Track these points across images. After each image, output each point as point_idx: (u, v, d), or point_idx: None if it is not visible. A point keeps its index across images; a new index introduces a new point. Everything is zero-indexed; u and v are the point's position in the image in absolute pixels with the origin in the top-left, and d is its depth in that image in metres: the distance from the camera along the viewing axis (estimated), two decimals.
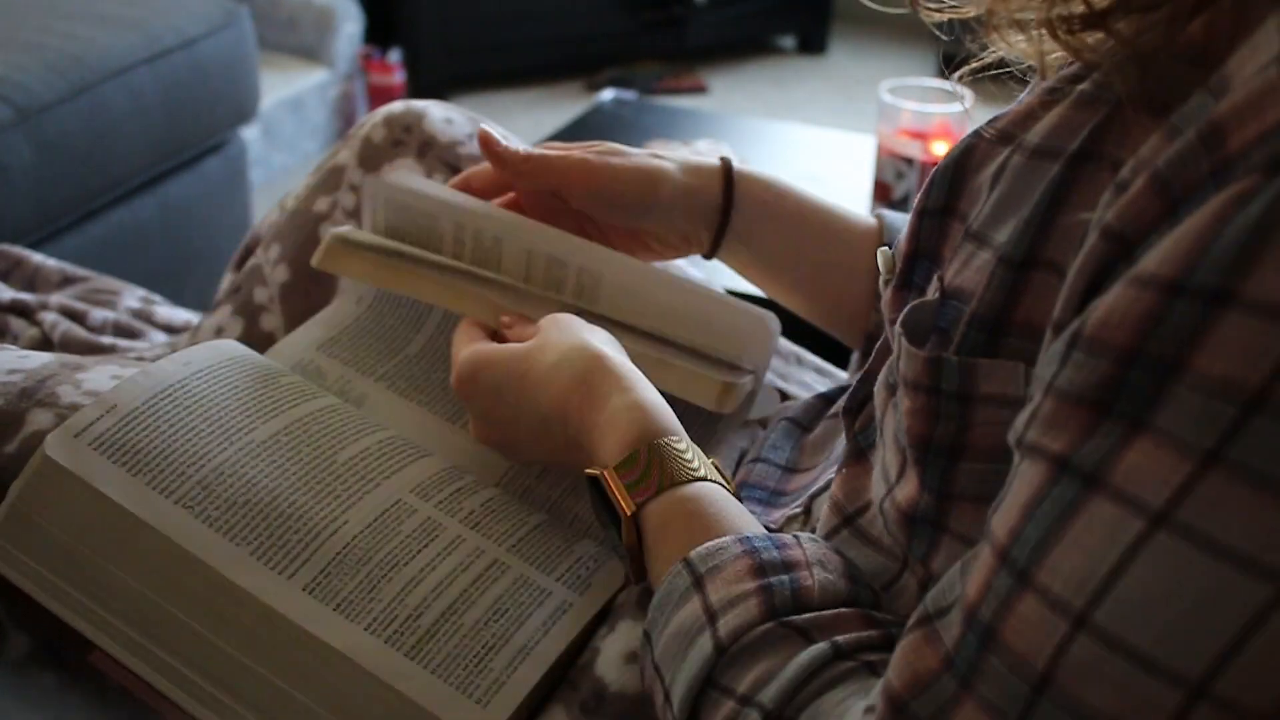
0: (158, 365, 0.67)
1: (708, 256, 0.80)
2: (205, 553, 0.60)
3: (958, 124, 1.40)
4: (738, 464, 0.72)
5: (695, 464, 0.58)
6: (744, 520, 0.56)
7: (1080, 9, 0.45)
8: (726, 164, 0.77)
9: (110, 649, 0.60)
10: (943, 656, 0.41)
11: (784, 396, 0.83)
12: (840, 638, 0.48)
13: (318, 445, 0.66)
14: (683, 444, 0.59)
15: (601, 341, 0.65)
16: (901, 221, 0.78)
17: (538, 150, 0.77)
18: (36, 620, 0.63)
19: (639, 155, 0.76)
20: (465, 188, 0.79)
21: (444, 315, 0.79)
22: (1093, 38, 0.45)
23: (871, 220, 0.79)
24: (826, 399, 0.73)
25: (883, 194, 1.44)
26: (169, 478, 0.62)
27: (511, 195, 0.80)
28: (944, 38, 0.56)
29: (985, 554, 0.41)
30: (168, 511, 0.61)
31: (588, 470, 0.60)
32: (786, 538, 0.54)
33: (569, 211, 0.77)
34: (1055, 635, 0.37)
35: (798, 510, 0.64)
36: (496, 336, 0.72)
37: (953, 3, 0.53)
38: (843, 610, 0.50)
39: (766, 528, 0.63)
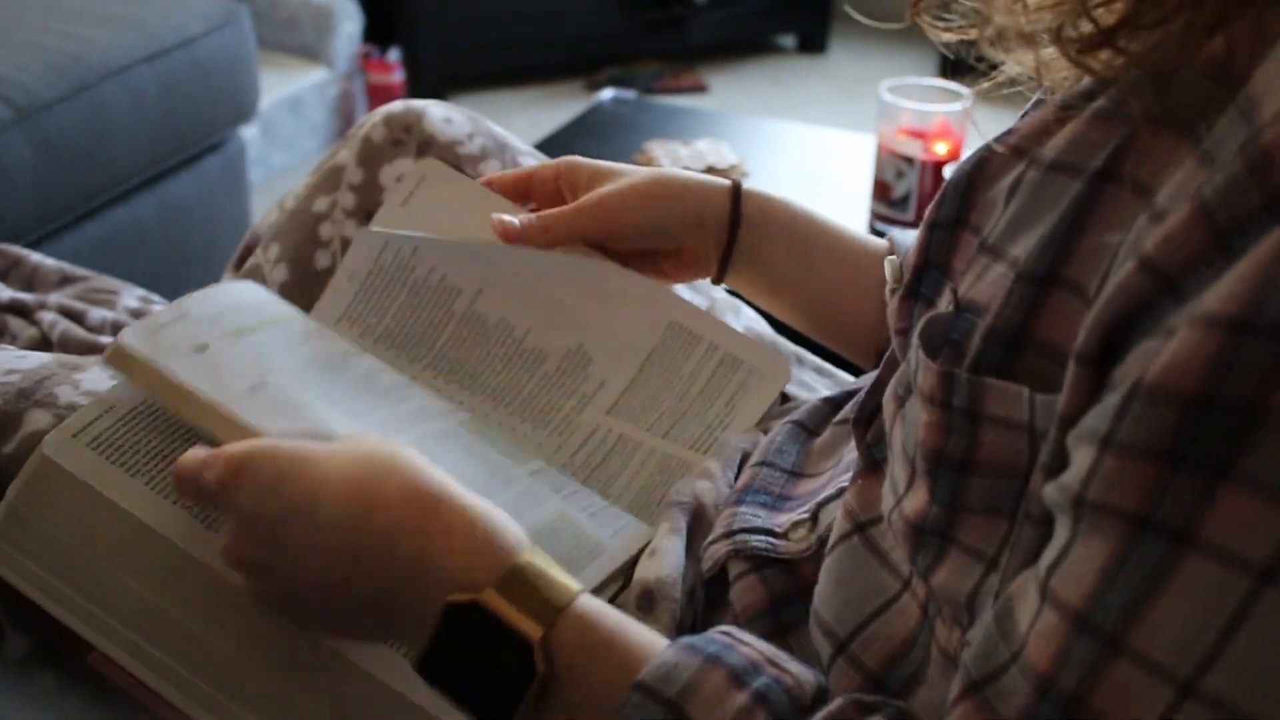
0: (226, 285, 0.69)
1: (716, 281, 0.79)
2: (206, 555, 0.60)
3: (958, 123, 1.40)
4: (739, 466, 0.72)
5: (567, 578, 0.51)
6: (644, 628, 0.51)
7: (1088, 28, 0.44)
8: (735, 183, 0.77)
9: (109, 650, 0.60)
10: None
11: (784, 398, 0.82)
12: None
13: None
14: (544, 558, 0.52)
15: (404, 448, 0.55)
16: (911, 241, 0.77)
17: (548, 213, 0.76)
18: (35, 621, 0.63)
19: (637, 170, 0.77)
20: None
21: (470, 302, 0.78)
22: (1104, 55, 0.44)
23: (881, 241, 0.78)
24: (833, 403, 0.72)
25: (883, 193, 1.44)
26: (168, 478, 0.61)
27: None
28: (949, 55, 0.55)
29: (1052, 620, 0.39)
30: (167, 512, 0.61)
31: (453, 597, 0.49)
32: (719, 637, 0.50)
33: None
34: (1159, 704, 0.36)
35: (804, 516, 0.63)
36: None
37: (956, 21, 0.52)
38: (839, 702, 0.48)
39: (773, 531, 0.63)
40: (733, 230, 0.76)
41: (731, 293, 0.86)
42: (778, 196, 0.78)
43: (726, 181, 0.77)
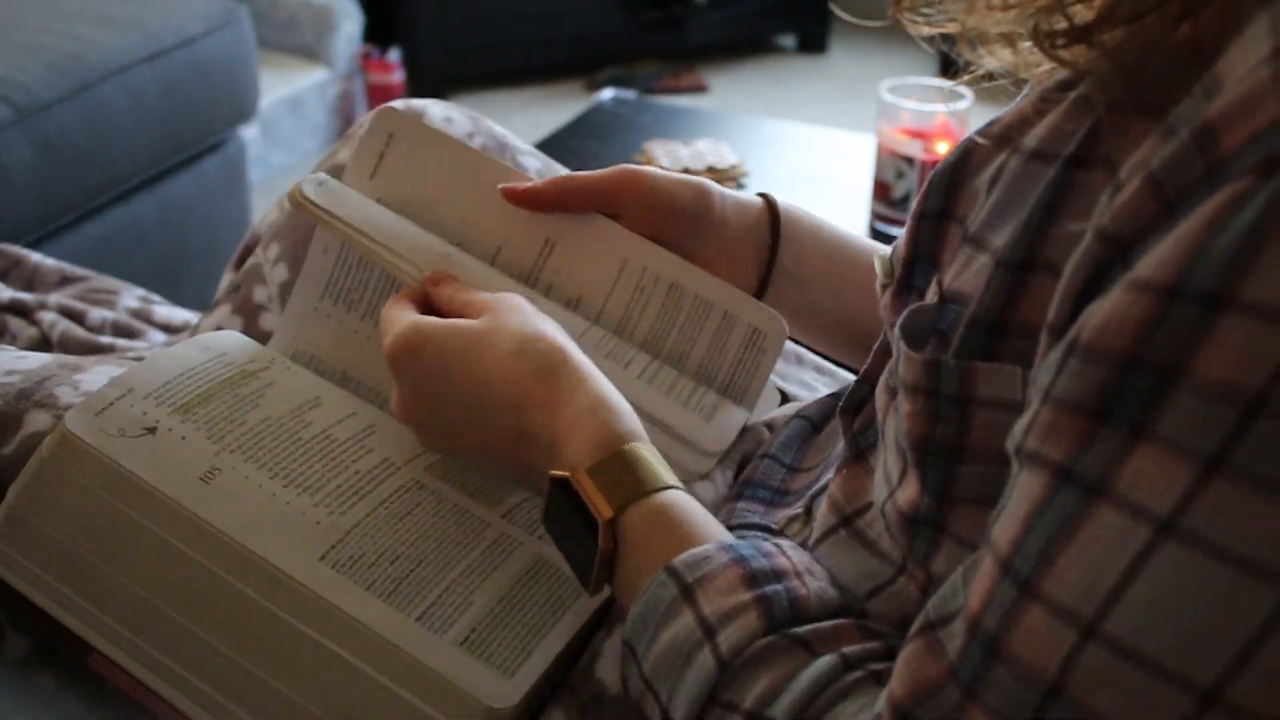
0: (173, 349, 0.68)
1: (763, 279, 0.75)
2: (222, 521, 0.60)
3: (958, 123, 1.40)
4: (739, 465, 0.72)
5: (661, 471, 0.57)
6: (717, 529, 0.56)
7: (1063, 24, 0.45)
8: (767, 197, 0.75)
9: (109, 651, 0.60)
10: (946, 666, 0.41)
11: (784, 397, 0.82)
12: (846, 649, 0.48)
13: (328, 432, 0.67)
14: (649, 450, 0.57)
15: (558, 333, 0.62)
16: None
17: (569, 175, 0.73)
18: (35, 622, 0.63)
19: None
20: None
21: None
22: (1078, 49, 0.45)
23: (885, 246, 0.77)
24: (838, 399, 0.72)
25: (883, 193, 1.44)
26: (188, 450, 0.62)
27: None
28: (929, 50, 0.56)
29: (987, 563, 0.41)
30: (185, 482, 0.61)
31: (554, 472, 0.57)
32: (768, 545, 0.54)
33: None
34: (1064, 644, 0.37)
35: (799, 511, 0.63)
36: (429, 307, 0.67)
37: (938, 17, 0.53)
38: (841, 621, 0.50)
39: (768, 528, 0.63)
40: (773, 248, 0.74)
41: None
42: (797, 207, 0.75)
43: (757, 200, 0.74)
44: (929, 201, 0.54)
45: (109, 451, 0.61)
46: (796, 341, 0.87)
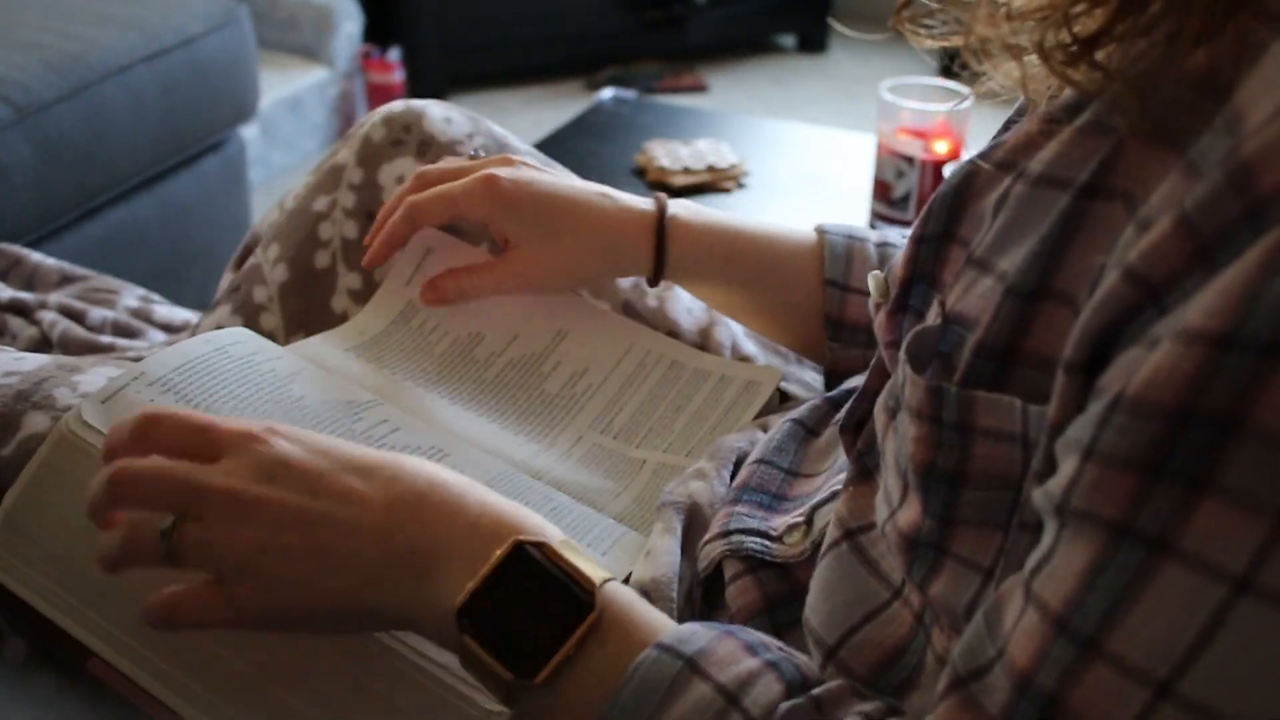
0: (181, 344, 0.69)
1: (651, 284, 0.80)
2: None
3: (958, 123, 1.40)
4: (736, 465, 0.72)
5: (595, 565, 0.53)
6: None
7: (1067, 38, 0.44)
8: (660, 208, 0.78)
9: (108, 656, 0.60)
10: None
11: (784, 396, 0.82)
12: (861, 708, 0.48)
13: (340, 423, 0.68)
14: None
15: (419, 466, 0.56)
16: (841, 229, 0.80)
17: (466, 271, 0.80)
18: (33, 627, 0.63)
19: (558, 214, 0.78)
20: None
21: (454, 339, 0.81)
22: (1086, 69, 0.44)
23: (805, 231, 0.80)
24: (833, 403, 0.72)
25: (883, 193, 1.44)
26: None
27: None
28: (931, 64, 0.55)
29: (1033, 621, 0.40)
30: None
31: (522, 537, 0.51)
32: (730, 626, 0.52)
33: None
34: (1134, 704, 0.37)
35: (799, 520, 0.63)
36: None
37: (940, 29, 0.52)
38: (839, 683, 0.49)
39: (768, 534, 0.63)
40: (659, 260, 0.78)
41: None
42: (699, 217, 0.79)
43: (649, 208, 0.78)
44: (929, 224, 0.53)
45: None
46: None
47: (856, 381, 0.73)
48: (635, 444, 0.76)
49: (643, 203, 0.78)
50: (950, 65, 0.56)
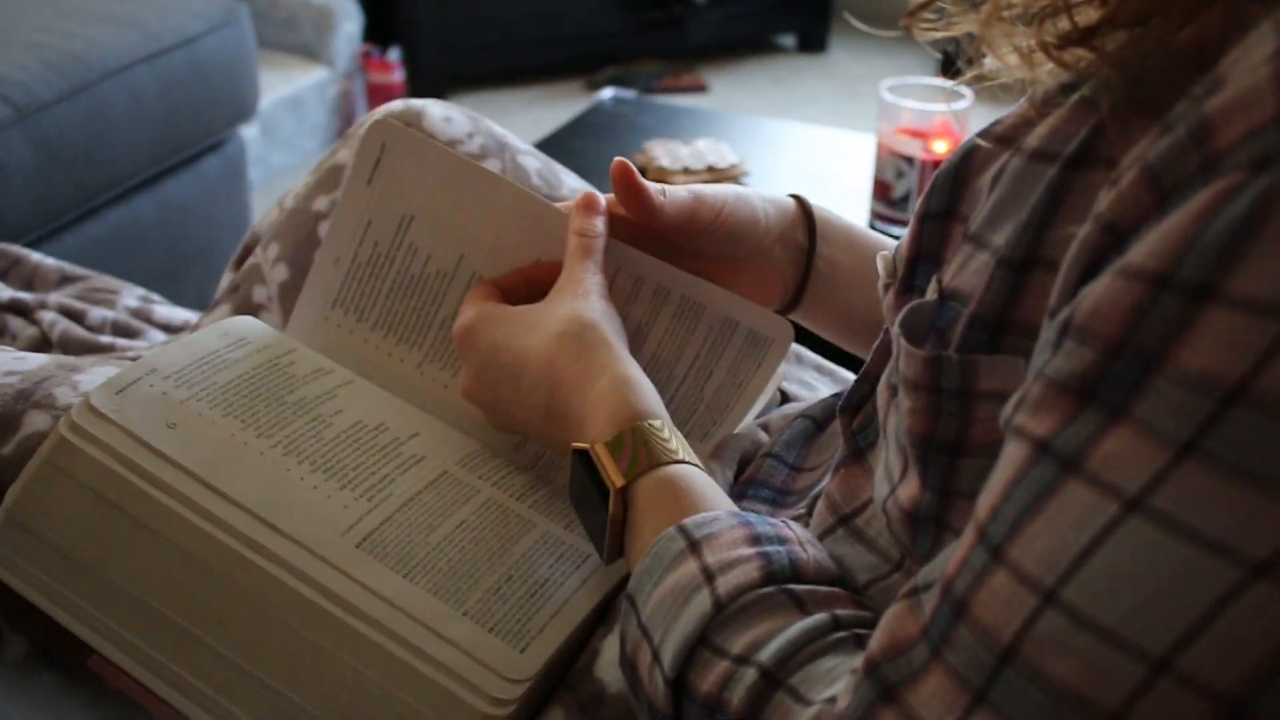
0: (193, 336, 0.69)
1: (786, 310, 0.76)
2: (244, 495, 0.61)
3: (958, 123, 1.40)
4: (739, 465, 0.72)
5: (675, 447, 0.59)
6: (725, 501, 0.58)
7: (1067, 26, 0.45)
8: (799, 199, 0.75)
9: (109, 653, 0.60)
10: (920, 625, 0.42)
11: (784, 396, 0.82)
12: (839, 611, 0.49)
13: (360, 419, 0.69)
14: (664, 427, 0.60)
15: (604, 317, 0.65)
16: None
17: (676, 190, 0.72)
18: (34, 624, 0.63)
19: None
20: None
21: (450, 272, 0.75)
22: (1081, 52, 0.46)
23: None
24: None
25: (883, 193, 1.44)
26: (211, 429, 0.63)
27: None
28: (936, 55, 0.56)
29: (968, 529, 0.42)
30: (205, 459, 0.62)
31: (575, 444, 0.61)
32: (775, 519, 0.55)
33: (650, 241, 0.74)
34: (1023, 610, 0.39)
35: (801, 512, 0.64)
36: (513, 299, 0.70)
37: (945, 23, 0.54)
38: (836, 589, 0.51)
39: None
40: (809, 247, 0.74)
41: None
42: (825, 208, 0.76)
43: (790, 200, 0.75)
44: (932, 202, 0.54)
45: (130, 426, 0.62)
46: (800, 342, 0.87)
47: None
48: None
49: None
50: (950, 65, 0.56)
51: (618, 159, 0.71)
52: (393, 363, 0.75)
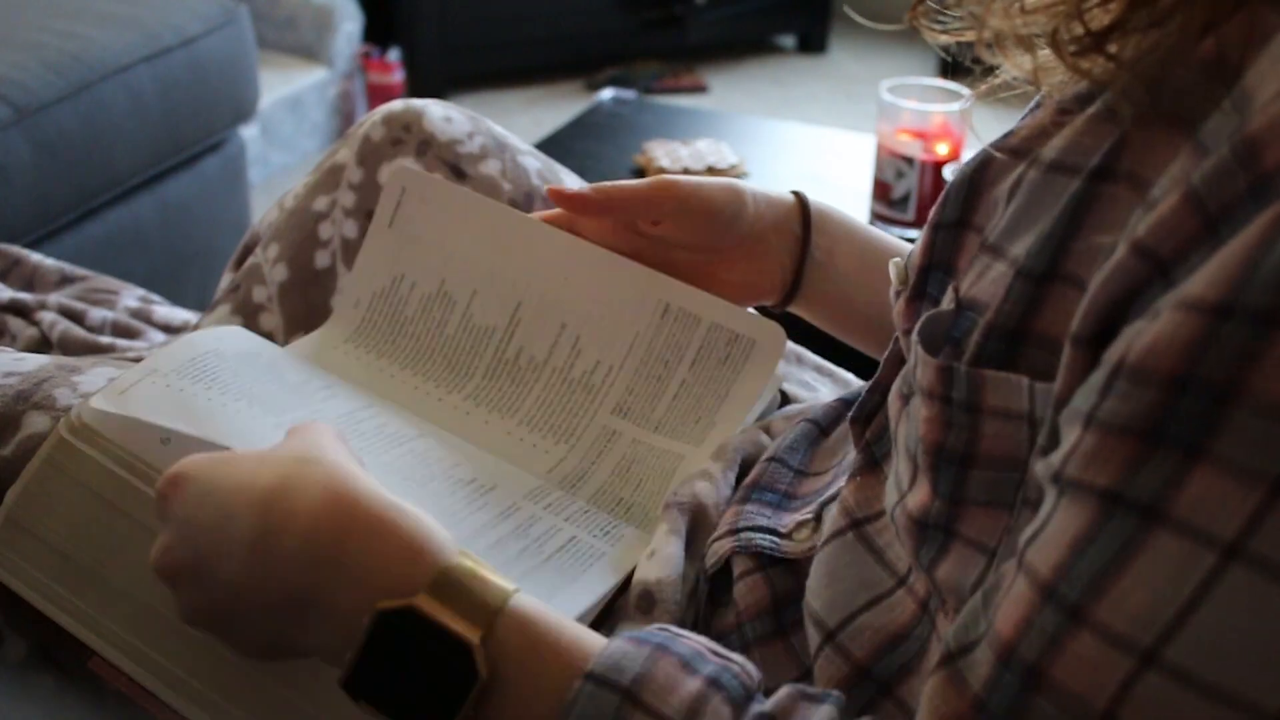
0: (189, 336, 0.69)
1: (780, 304, 0.77)
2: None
3: (958, 123, 1.40)
4: (741, 468, 0.72)
5: (498, 573, 0.49)
6: (582, 627, 0.50)
7: (1081, 31, 0.45)
8: (798, 194, 0.77)
9: (108, 654, 0.60)
10: (971, 699, 0.40)
11: (785, 398, 0.82)
12: (813, 713, 0.46)
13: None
14: (474, 558, 0.50)
15: (335, 450, 0.53)
16: None
17: (612, 184, 0.75)
18: (34, 625, 0.63)
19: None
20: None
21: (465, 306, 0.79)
22: (1098, 60, 0.45)
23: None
24: (847, 404, 0.72)
25: (883, 193, 1.44)
26: (217, 415, 0.63)
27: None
28: (946, 58, 0.56)
29: (1021, 590, 0.40)
30: (219, 427, 0.62)
31: (383, 604, 0.47)
32: (655, 629, 0.50)
33: (638, 242, 0.76)
34: (1118, 673, 0.37)
35: (808, 517, 0.63)
36: None
37: (956, 25, 0.53)
38: (781, 692, 0.48)
39: (777, 531, 0.63)
40: (804, 239, 0.75)
41: None
42: (830, 205, 0.77)
43: (788, 195, 0.76)
44: (946, 211, 0.54)
45: (137, 414, 0.61)
46: (799, 342, 0.87)
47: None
48: (647, 427, 0.75)
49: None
50: (950, 66, 0.56)
51: (548, 186, 0.75)
52: (402, 389, 0.77)
